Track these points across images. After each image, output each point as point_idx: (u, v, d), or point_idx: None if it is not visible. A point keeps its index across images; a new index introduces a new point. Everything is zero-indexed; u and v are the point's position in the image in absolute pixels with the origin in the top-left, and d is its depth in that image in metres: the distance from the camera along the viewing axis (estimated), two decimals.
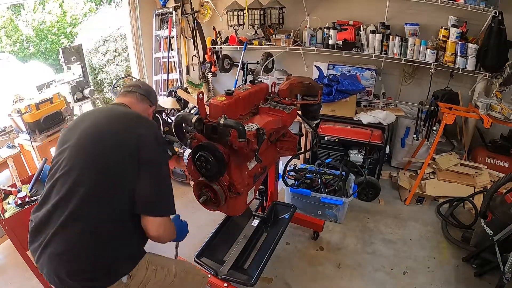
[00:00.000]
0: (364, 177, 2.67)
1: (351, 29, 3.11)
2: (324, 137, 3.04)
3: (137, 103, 1.43)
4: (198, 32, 3.95)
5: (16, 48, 7.00)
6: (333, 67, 3.32)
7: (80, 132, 1.23)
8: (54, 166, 1.22)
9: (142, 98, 1.45)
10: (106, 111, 1.35)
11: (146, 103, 1.47)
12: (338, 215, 2.61)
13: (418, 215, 2.74)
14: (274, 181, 2.32)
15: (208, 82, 4.27)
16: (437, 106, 2.77)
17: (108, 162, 1.16)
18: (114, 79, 5.43)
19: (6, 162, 2.53)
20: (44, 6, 7.12)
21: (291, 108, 1.71)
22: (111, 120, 1.26)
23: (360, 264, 2.25)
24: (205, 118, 1.45)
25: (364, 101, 3.27)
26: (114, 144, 1.19)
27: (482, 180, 2.75)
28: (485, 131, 3.15)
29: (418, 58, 2.97)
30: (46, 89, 3.42)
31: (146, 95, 1.46)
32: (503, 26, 2.63)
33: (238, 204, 1.57)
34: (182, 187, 3.17)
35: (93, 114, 1.33)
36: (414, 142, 3.16)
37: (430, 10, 2.93)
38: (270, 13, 3.30)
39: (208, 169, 1.37)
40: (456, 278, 2.13)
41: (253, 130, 1.43)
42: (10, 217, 1.89)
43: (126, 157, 1.17)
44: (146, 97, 1.46)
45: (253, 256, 2.01)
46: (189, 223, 1.57)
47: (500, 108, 2.41)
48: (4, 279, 2.17)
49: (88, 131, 1.22)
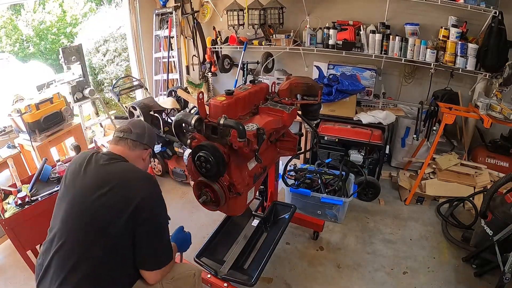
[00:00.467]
0: (364, 177, 2.66)
1: (351, 29, 3.11)
2: (324, 137, 3.04)
3: (129, 151, 1.37)
4: (198, 32, 3.96)
5: (16, 48, 7.00)
6: (333, 67, 3.32)
7: (74, 198, 1.21)
8: (52, 230, 1.24)
9: (134, 144, 1.38)
10: (101, 170, 1.27)
11: (140, 148, 1.40)
12: (338, 215, 2.61)
13: (418, 215, 2.74)
14: (274, 181, 2.32)
15: (208, 82, 4.28)
16: (437, 106, 2.77)
17: (107, 238, 1.15)
18: (114, 79, 5.43)
19: (6, 162, 2.53)
20: (44, 6, 7.12)
21: (291, 108, 1.71)
22: (107, 185, 1.19)
23: (360, 264, 2.25)
24: (205, 118, 1.46)
25: (364, 101, 3.27)
26: (112, 216, 1.16)
27: (482, 180, 2.74)
28: (485, 131, 3.15)
29: (418, 58, 2.97)
30: (46, 89, 3.43)
31: (139, 140, 1.39)
32: (503, 26, 2.63)
33: (238, 204, 1.57)
34: (182, 187, 3.17)
35: (89, 171, 1.27)
36: (414, 142, 3.16)
37: (430, 10, 2.93)
38: (270, 13, 3.31)
39: (208, 169, 1.37)
40: (456, 278, 2.13)
41: (253, 130, 1.43)
42: (10, 217, 1.89)
43: (123, 226, 1.15)
44: (140, 143, 1.39)
45: (253, 256, 2.01)
46: (189, 223, 1.57)
47: (500, 108, 2.41)
48: (4, 279, 2.17)
49: (83, 200, 1.19)
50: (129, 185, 1.22)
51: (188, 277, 1.44)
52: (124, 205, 1.15)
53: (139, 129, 1.42)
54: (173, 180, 3.25)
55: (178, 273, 1.41)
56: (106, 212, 1.16)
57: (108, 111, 3.88)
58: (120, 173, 1.26)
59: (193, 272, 1.47)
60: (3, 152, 2.64)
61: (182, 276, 1.41)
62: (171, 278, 1.36)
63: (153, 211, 1.20)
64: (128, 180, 1.24)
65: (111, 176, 1.24)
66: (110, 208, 1.16)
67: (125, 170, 1.29)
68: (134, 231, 1.16)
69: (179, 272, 1.42)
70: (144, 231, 1.18)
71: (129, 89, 3.65)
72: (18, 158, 2.69)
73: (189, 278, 1.44)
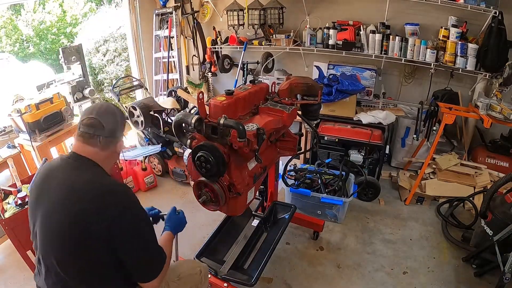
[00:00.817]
0: (364, 177, 2.66)
1: (351, 29, 3.11)
2: (324, 137, 3.04)
3: (101, 151, 1.18)
4: (198, 32, 3.95)
5: (16, 48, 7.00)
6: (333, 67, 3.32)
7: (45, 224, 1.11)
8: (36, 250, 1.17)
9: (108, 142, 1.18)
10: (67, 184, 1.12)
11: (114, 143, 1.21)
12: (338, 215, 2.61)
13: (418, 215, 2.74)
14: (274, 181, 2.32)
15: (208, 82, 4.28)
16: (437, 106, 2.77)
17: (88, 262, 1.09)
18: (114, 79, 5.43)
19: (6, 162, 2.53)
20: (44, 6, 7.12)
21: (291, 108, 1.71)
22: (76, 206, 1.07)
23: (360, 264, 2.25)
24: (205, 118, 1.45)
25: (364, 101, 3.27)
26: (86, 239, 1.06)
27: (482, 180, 2.74)
28: (485, 131, 3.15)
29: (418, 58, 2.97)
30: (46, 89, 3.42)
31: (112, 136, 1.20)
32: (503, 26, 2.63)
33: (238, 204, 1.57)
34: (182, 187, 3.17)
35: (54, 190, 1.12)
36: (414, 142, 3.16)
37: (430, 10, 2.93)
38: (270, 13, 3.30)
39: (208, 169, 1.37)
40: (456, 278, 2.13)
41: (253, 130, 1.43)
42: (10, 217, 1.90)
43: (102, 249, 1.07)
44: (111, 138, 1.20)
45: (253, 256, 2.01)
46: (189, 223, 1.56)
47: (500, 108, 2.41)
48: (4, 279, 2.17)
49: (53, 224, 1.09)
50: (99, 204, 1.07)
51: (194, 274, 1.45)
52: (97, 227, 1.04)
53: (112, 122, 1.20)
54: (173, 180, 3.25)
55: (184, 271, 1.41)
56: (80, 236, 1.05)
57: None
58: (88, 190, 1.10)
59: (199, 269, 1.48)
60: (3, 152, 2.64)
61: (188, 274, 1.42)
62: (177, 277, 1.36)
63: (130, 226, 1.09)
64: (98, 199, 1.08)
65: (79, 194, 1.08)
66: (83, 232, 1.05)
67: (93, 185, 1.11)
68: (115, 250, 1.08)
69: (185, 270, 1.42)
70: (127, 249, 1.09)
71: (129, 89, 3.65)
72: (18, 158, 2.69)
73: (195, 276, 1.44)
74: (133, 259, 1.12)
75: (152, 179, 3.13)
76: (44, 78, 4.16)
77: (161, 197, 3.03)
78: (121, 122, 1.25)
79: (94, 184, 1.12)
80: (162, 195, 3.06)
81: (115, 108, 1.27)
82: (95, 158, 1.17)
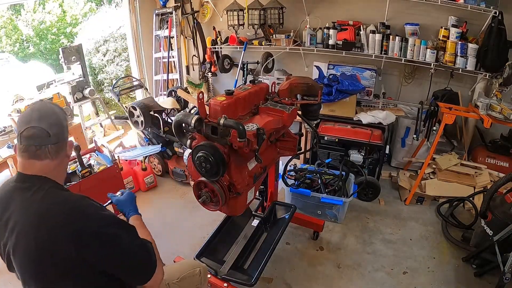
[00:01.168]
0: (364, 177, 2.66)
1: (351, 29, 3.11)
2: (324, 137, 3.04)
3: (52, 161, 1.02)
4: (198, 32, 3.96)
5: (16, 48, 7.01)
6: (333, 67, 3.32)
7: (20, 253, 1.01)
8: None
9: (56, 149, 1.02)
10: (29, 214, 0.98)
11: (63, 147, 1.06)
12: (338, 215, 2.61)
13: (418, 215, 2.74)
14: (274, 181, 2.32)
15: (208, 82, 4.28)
16: (437, 106, 2.77)
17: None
18: (114, 79, 5.43)
19: (6, 162, 2.54)
20: (44, 6, 7.13)
21: (291, 108, 1.71)
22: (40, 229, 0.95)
23: (360, 264, 2.25)
24: (205, 118, 1.45)
25: (364, 101, 3.27)
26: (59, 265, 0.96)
27: (482, 180, 2.74)
28: (485, 131, 3.15)
29: (418, 58, 2.97)
30: (46, 89, 3.43)
31: (61, 141, 1.04)
32: (503, 26, 2.63)
33: (238, 204, 1.57)
34: (182, 187, 3.17)
35: (17, 219, 0.99)
36: (414, 142, 3.16)
37: (430, 10, 2.93)
38: (270, 13, 3.30)
39: (208, 169, 1.37)
40: (456, 278, 2.13)
41: (253, 130, 1.43)
42: None
43: (81, 269, 0.97)
44: (60, 142, 1.04)
45: (253, 256, 2.01)
46: (189, 223, 1.56)
47: (500, 108, 2.41)
48: (4, 280, 2.17)
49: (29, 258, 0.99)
50: (72, 226, 0.96)
51: (194, 275, 1.44)
52: (66, 254, 0.94)
53: (56, 124, 1.03)
54: (173, 180, 3.25)
55: (183, 272, 1.41)
56: (51, 265, 0.96)
57: (108, 111, 3.88)
58: (50, 217, 0.97)
59: (198, 269, 1.48)
60: (3, 152, 2.64)
61: (188, 275, 1.42)
62: (177, 278, 1.36)
63: (101, 242, 0.97)
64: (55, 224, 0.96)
65: (40, 222, 0.96)
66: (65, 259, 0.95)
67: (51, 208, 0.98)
68: (96, 267, 0.99)
69: (184, 271, 1.42)
70: (107, 263, 1.00)
71: (129, 89, 3.65)
72: None
73: (195, 277, 1.44)
74: (120, 268, 1.03)
75: (152, 179, 3.13)
76: (44, 78, 4.17)
77: (161, 197, 3.03)
78: (64, 119, 1.09)
79: (53, 203, 0.99)
80: (162, 195, 3.06)
81: (52, 105, 1.10)
82: (45, 172, 1.02)
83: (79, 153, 2.05)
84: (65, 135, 1.07)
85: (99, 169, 2.34)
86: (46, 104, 1.10)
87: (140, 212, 1.33)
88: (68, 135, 1.10)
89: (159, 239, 1.64)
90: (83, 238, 0.95)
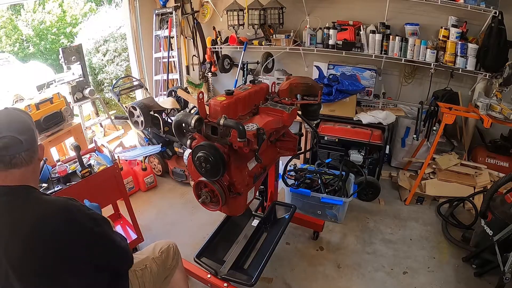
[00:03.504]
0: (364, 177, 2.66)
1: (351, 29, 3.11)
2: (324, 137, 3.04)
3: (26, 168, 1.01)
4: (198, 32, 3.96)
5: (16, 48, 7.01)
6: (333, 67, 3.32)
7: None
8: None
9: (29, 155, 1.01)
10: (25, 225, 0.96)
11: (35, 152, 1.05)
12: (338, 215, 2.61)
13: (418, 215, 2.74)
14: (274, 181, 2.32)
15: (208, 82, 4.28)
16: (437, 106, 2.77)
17: None
18: (114, 79, 5.43)
19: None
20: (44, 6, 7.13)
21: (291, 108, 1.71)
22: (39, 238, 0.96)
23: (360, 264, 2.25)
24: (205, 118, 1.46)
25: (364, 101, 3.26)
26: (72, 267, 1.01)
27: (482, 180, 2.74)
28: (485, 131, 3.15)
29: (418, 58, 2.97)
30: (46, 89, 3.43)
31: (32, 146, 1.03)
32: (503, 26, 2.63)
33: (238, 204, 1.57)
34: (182, 187, 3.17)
35: (9, 233, 0.96)
36: (414, 142, 3.16)
37: (430, 10, 2.93)
38: (270, 13, 3.30)
39: (208, 169, 1.37)
40: (456, 278, 2.13)
41: (253, 130, 1.42)
42: None
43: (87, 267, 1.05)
44: (33, 147, 1.03)
45: (253, 256, 2.01)
46: (189, 223, 1.58)
47: (500, 108, 2.41)
48: None
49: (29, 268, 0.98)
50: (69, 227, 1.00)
51: (169, 249, 1.58)
52: (72, 254, 1.00)
53: (26, 130, 1.01)
54: (173, 180, 3.25)
55: (161, 246, 1.56)
56: (55, 267, 0.99)
57: (108, 111, 3.88)
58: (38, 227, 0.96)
59: (171, 243, 1.61)
60: None
61: (165, 250, 1.56)
62: (158, 253, 1.51)
63: (98, 241, 1.07)
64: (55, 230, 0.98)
65: (38, 230, 0.96)
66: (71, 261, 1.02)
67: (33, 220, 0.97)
68: (93, 262, 1.06)
69: (161, 246, 1.57)
70: (103, 257, 1.10)
71: (129, 89, 3.65)
72: None
73: (170, 250, 1.58)
74: (116, 259, 1.17)
75: (152, 179, 3.13)
76: (44, 78, 4.18)
77: (161, 197, 3.03)
78: (32, 123, 1.07)
79: (49, 215, 0.99)
80: (162, 195, 3.06)
81: (18, 111, 1.08)
82: (22, 180, 1.01)
83: (79, 153, 2.04)
84: (35, 140, 1.05)
85: (99, 169, 2.34)
86: (10, 111, 1.07)
87: (141, 212, 1.37)
88: (38, 139, 1.09)
89: (159, 239, 1.64)
90: (83, 238, 1.03)
